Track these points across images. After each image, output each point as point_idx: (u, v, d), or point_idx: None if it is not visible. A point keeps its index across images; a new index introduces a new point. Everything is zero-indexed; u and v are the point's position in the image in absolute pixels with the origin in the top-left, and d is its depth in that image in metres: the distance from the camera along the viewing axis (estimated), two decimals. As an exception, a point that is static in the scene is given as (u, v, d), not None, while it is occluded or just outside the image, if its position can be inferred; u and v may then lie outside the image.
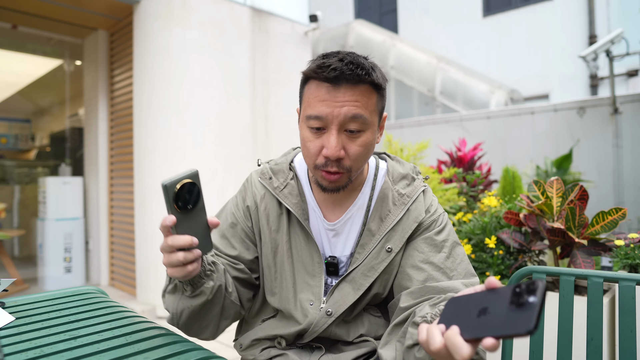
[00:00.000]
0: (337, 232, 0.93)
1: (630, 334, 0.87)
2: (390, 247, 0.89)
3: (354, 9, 9.73)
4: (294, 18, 4.46)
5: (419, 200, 0.92)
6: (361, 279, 0.89)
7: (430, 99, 6.46)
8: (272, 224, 0.94)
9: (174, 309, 0.85)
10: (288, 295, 0.92)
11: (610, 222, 1.57)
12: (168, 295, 0.86)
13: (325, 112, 0.80)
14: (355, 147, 0.83)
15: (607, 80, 6.52)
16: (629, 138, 3.66)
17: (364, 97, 0.81)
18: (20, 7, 3.66)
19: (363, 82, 0.80)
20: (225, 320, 0.91)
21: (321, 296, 0.90)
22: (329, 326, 0.89)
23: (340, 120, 0.80)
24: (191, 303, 0.83)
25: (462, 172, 2.95)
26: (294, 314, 0.91)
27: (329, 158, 0.81)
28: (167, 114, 3.42)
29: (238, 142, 3.79)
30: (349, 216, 0.93)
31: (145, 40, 3.50)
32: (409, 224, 0.90)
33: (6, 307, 0.81)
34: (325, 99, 0.80)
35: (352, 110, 0.80)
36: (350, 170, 0.84)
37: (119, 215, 4.04)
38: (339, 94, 0.80)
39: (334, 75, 0.78)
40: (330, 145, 0.80)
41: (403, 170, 0.97)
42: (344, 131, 0.82)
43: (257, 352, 0.95)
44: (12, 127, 5.90)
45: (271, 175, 0.96)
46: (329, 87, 0.80)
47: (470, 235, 2.01)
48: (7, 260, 3.96)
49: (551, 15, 7.01)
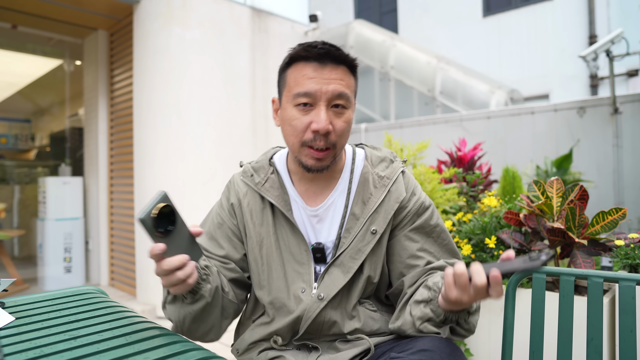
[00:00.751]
0: (320, 218, 0.96)
1: (630, 334, 0.87)
2: (375, 228, 0.92)
3: (354, 9, 9.73)
4: (294, 18, 4.46)
5: (398, 181, 0.96)
6: (349, 262, 0.91)
7: (430, 99, 6.47)
8: (255, 218, 0.97)
9: (177, 317, 0.87)
10: (280, 285, 0.93)
11: (610, 222, 1.57)
12: (169, 306, 0.88)
13: (315, 89, 0.85)
14: (341, 122, 0.88)
15: (607, 80, 6.52)
16: (629, 138, 3.66)
17: (346, 76, 0.89)
18: (20, 7, 3.66)
19: (344, 62, 0.88)
20: (226, 319, 0.93)
21: (312, 282, 0.92)
22: (322, 311, 0.90)
23: (329, 96, 0.86)
24: (192, 308, 0.85)
25: (462, 172, 2.95)
26: (287, 302, 0.92)
27: (318, 132, 0.86)
28: (167, 114, 3.42)
29: (238, 142, 3.78)
30: (331, 201, 0.96)
31: (145, 40, 3.50)
32: (390, 204, 0.93)
33: (6, 307, 0.81)
34: (313, 76, 0.86)
35: (338, 88, 0.86)
36: (335, 146, 0.89)
37: (119, 215, 4.04)
38: (325, 71, 0.86)
39: (323, 52, 0.86)
40: (320, 119, 0.85)
41: (381, 154, 1.01)
42: (331, 108, 0.87)
43: (254, 355, 0.95)
44: (12, 127, 5.90)
45: (252, 172, 1.00)
46: (315, 65, 0.87)
47: (470, 235, 2.01)
48: (7, 260, 3.96)
49: (551, 15, 7.01)
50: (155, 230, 0.70)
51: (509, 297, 1.03)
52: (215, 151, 3.60)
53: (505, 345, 1.00)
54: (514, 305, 1.02)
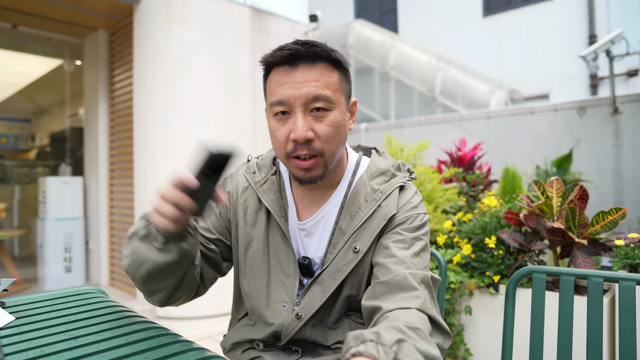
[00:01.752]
0: (308, 232, 0.90)
1: (630, 334, 0.87)
2: (358, 247, 0.84)
3: (354, 9, 9.73)
4: (294, 18, 4.46)
5: (392, 197, 0.86)
6: (328, 282, 0.85)
7: (430, 99, 6.46)
8: (248, 217, 0.92)
9: (136, 257, 0.78)
10: (260, 293, 0.89)
11: (610, 222, 1.57)
12: (135, 239, 0.79)
13: (287, 95, 0.78)
14: (324, 127, 0.79)
15: (607, 80, 6.52)
16: (629, 138, 3.66)
17: (324, 75, 0.80)
18: (20, 7, 3.66)
19: (320, 58, 0.79)
20: (180, 292, 0.85)
21: (294, 297, 0.87)
22: (300, 329, 0.86)
23: (303, 100, 0.78)
24: (157, 258, 0.76)
25: (462, 172, 2.95)
26: (264, 313, 0.88)
27: (297, 141, 0.78)
28: (167, 114, 3.42)
29: (238, 142, 3.78)
30: (322, 215, 0.90)
31: (145, 40, 3.50)
32: (378, 221, 0.84)
33: (6, 307, 0.81)
34: (284, 82, 0.79)
35: (312, 91, 0.78)
36: (323, 153, 0.80)
37: (119, 215, 4.04)
38: (297, 74, 0.79)
39: (289, 53, 0.78)
40: (296, 126, 0.78)
41: (384, 166, 0.91)
42: (310, 112, 0.79)
43: (238, 354, 0.94)
44: (12, 127, 5.90)
45: (255, 169, 0.96)
46: (286, 69, 0.80)
47: (470, 235, 2.01)
48: (7, 260, 3.96)
49: (551, 15, 7.01)
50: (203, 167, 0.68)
51: (509, 297, 1.03)
52: (215, 151, 3.60)
53: (505, 345, 1.00)
54: (514, 305, 1.02)
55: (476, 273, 1.91)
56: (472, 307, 1.91)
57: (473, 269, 1.94)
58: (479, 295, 1.90)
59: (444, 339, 0.75)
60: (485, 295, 1.88)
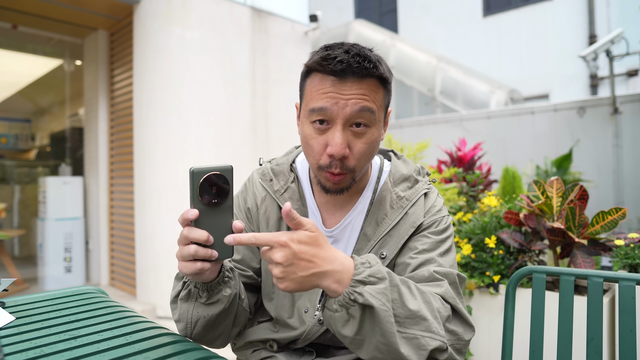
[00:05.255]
0: (336, 239, 0.89)
1: (630, 334, 0.87)
2: (385, 253, 0.84)
3: (354, 8, 9.73)
4: (294, 18, 4.46)
5: (418, 204, 0.86)
6: None
7: (430, 99, 6.46)
8: (271, 227, 0.91)
9: (189, 318, 0.78)
10: (285, 302, 0.90)
11: (610, 222, 1.57)
12: (181, 302, 0.79)
13: (330, 106, 0.76)
14: (361, 144, 0.78)
15: (607, 80, 6.52)
16: (629, 138, 3.66)
17: (372, 91, 0.77)
18: (20, 7, 3.66)
19: (370, 75, 0.76)
20: (235, 327, 0.88)
21: (316, 303, 0.87)
22: (322, 334, 0.86)
23: (347, 114, 0.76)
24: (207, 312, 0.77)
25: (462, 172, 2.95)
26: (289, 322, 0.88)
27: (333, 157, 0.77)
28: (167, 114, 3.42)
29: (238, 142, 3.79)
30: (348, 222, 0.89)
31: (145, 40, 3.50)
32: (405, 228, 0.84)
33: (6, 307, 0.81)
34: (330, 91, 0.76)
35: (359, 103, 0.75)
36: (354, 170, 0.80)
37: (119, 215, 4.04)
38: (345, 87, 0.75)
39: (341, 68, 0.74)
40: (335, 142, 0.76)
41: (406, 172, 0.91)
42: (349, 127, 0.78)
43: (248, 352, 0.94)
44: (12, 127, 5.90)
45: (272, 177, 0.93)
46: (334, 80, 0.76)
47: (470, 235, 2.01)
48: (7, 260, 3.96)
49: (551, 15, 7.01)
50: (199, 194, 0.65)
51: (509, 297, 1.03)
52: (215, 151, 3.60)
53: (505, 345, 1.00)
54: (514, 305, 1.02)
55: (476, 273, 1.92)
56: (472, 307, 1.91)
57: (473, 269, 1.94)
58: (479, 295, 1.90)
59: (465, 329, 0.75)
60: (485, 295, 1.88)
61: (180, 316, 0.80)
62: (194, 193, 0.65)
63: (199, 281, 0.74)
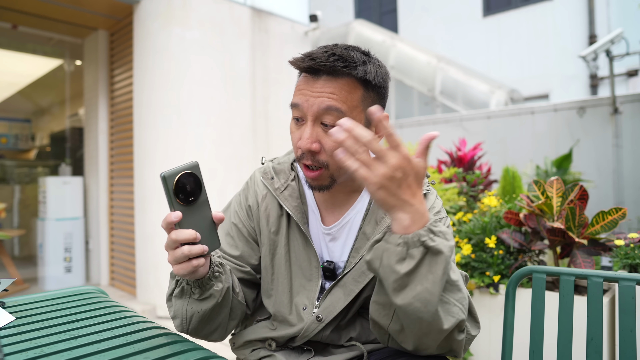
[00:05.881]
0: (334, 237, 0.91)
1: (630, 334, 0.87)
2: None
3: (354, 8, 9.73)
4: (294, 18, 4.46)
5: None
6: (352, 285, 0.86)
7: (430, 99, 6.46)
8: (271, 225, 0.93)
9: (183, 314, 0.82)
10: (283, 299, 0.91)
11: (610, 222, 1.57)
12: (175, 299, 0.82)
13: (302, 101, 0.79)
14: (331, 142, 0.78)
15: (607, 80, 6.52)
16: (629, 138, 3.66)
17: (344, 90, 0.78)
18: (20, 7, 3.66)
19: (342, 74, 0.78)
20: (232, 320, 0.90)
21: (314, 301, 0.88)
22: (320, 331, 0.87)
23: (314, 110, 0.78)
24: (201, 307, 0.80)
25: (462, 172, 2.95)
26: (288, 318, 0.90)
27: (301, 149, 0.80)
28: (167, 114, 3.42)
29: (238, 142, 3.79)
30: (347, 220, 0.90)
31: (145, 40, 3.50)
32: None
33: (6, 307, 0.81)
34: (303, 88, 0.80)
35: (325, 102, 0.77)
36: (327, 166, 0.81)
37: (119, 215, 4.04)
38: (317, 84, 0.78)
39: (308, 65, 0.77)
40: (303, 136, 0.79)
41: None
42: (321, 123, 0.79)
43: (247, 352, 0.95)
44: (12, 127, 5.90)
45: (273, 175, 0.95)
46: (308, 77, 0.80)
47: (470, 235, 2.01)
48: (7, 260, 3.96)
49: (551, 15, 7.01)
50: (175, 196, 0.67)
51: (509, 296, 1.03)
52: (216, 151, 3.60)
53: (505, 345, 1.00)
54: (514, 305, 1.02)
55: (476, 273, 1.92)
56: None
57: (473, 269, 1.94)
58: (479, 295, 1.90)
59: (472, 326, 0.77)
60: (485, 295, 1.88)
61: (175, 313, 0.83)
62: (171, 196, 0.67)
63: (193, 279, 0.77)
